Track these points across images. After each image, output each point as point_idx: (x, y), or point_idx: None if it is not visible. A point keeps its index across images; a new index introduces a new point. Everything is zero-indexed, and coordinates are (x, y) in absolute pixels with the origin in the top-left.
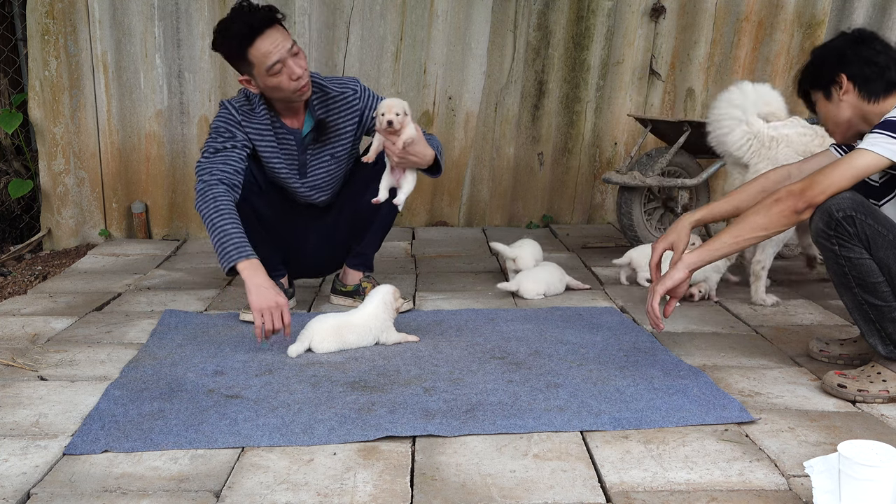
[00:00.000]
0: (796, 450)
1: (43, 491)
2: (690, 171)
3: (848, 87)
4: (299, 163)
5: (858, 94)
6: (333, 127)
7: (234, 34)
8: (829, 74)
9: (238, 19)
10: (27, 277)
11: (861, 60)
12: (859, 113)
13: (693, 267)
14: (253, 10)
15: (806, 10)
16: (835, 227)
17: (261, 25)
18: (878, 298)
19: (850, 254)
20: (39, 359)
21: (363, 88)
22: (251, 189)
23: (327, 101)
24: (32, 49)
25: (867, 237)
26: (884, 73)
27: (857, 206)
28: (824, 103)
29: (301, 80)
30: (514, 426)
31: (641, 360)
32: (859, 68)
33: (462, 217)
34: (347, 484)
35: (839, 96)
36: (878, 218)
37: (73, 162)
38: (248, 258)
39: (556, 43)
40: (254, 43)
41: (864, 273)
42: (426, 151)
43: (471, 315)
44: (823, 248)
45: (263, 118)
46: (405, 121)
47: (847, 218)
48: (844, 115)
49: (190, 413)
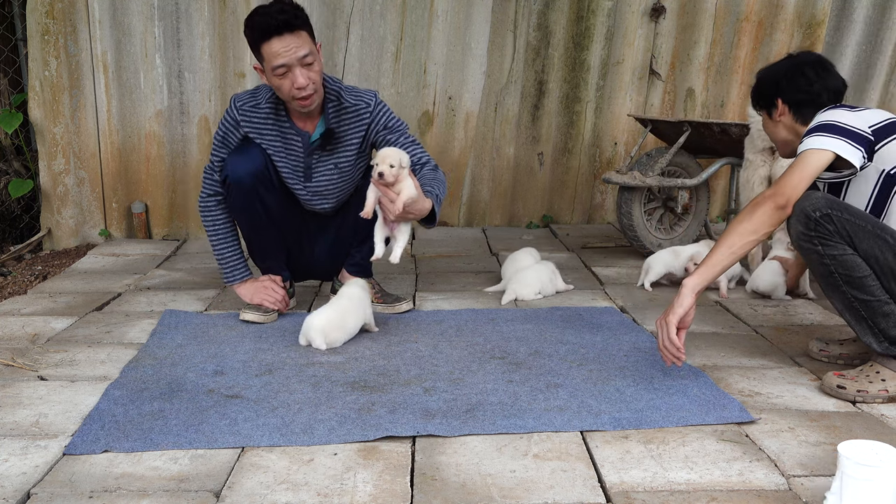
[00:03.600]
0: (796, 450)
1: (43, 491)
2: (690, 171)
3: (783, 109)
4: (304, 166)
5: (793, 116)
6: (341, 137)
7: (255, 26)
8: (769, 97)
9: (265, 13)
10: (27, 277)
11: (794, 88)
12: (794, 133)
13: (698, 289)
14: (283, 9)
15: (806, 10)
16: (814, 227)
17: (279, 27)
18: (866, 294)
19: (833, 251)
20: (39, 359)
21: (377, 103)
22: (264, 183)
23: (340, 111)
24: (32, 49)
25: (847, 232)
26: (815, 100)
27: (831, 203)
28: (767, 121)
29: (303, 91)
30: (514, 426)
31: (641, 360)
32: (793, 95)
33: (462, 217)
34: (347, 484)
35: (776, 117)
36: (852, 212)
37: (73, 162)
38: (245, 280)
39: (556, 43)
40: (269, 40)
41: (850, 269)
42: (424, 206)
43: (471, 315)
44: (806, 252)
45: (267, 115)
46: (401, 175)
47: (825, 216)
48: (781, 134)
49: (190, 413)
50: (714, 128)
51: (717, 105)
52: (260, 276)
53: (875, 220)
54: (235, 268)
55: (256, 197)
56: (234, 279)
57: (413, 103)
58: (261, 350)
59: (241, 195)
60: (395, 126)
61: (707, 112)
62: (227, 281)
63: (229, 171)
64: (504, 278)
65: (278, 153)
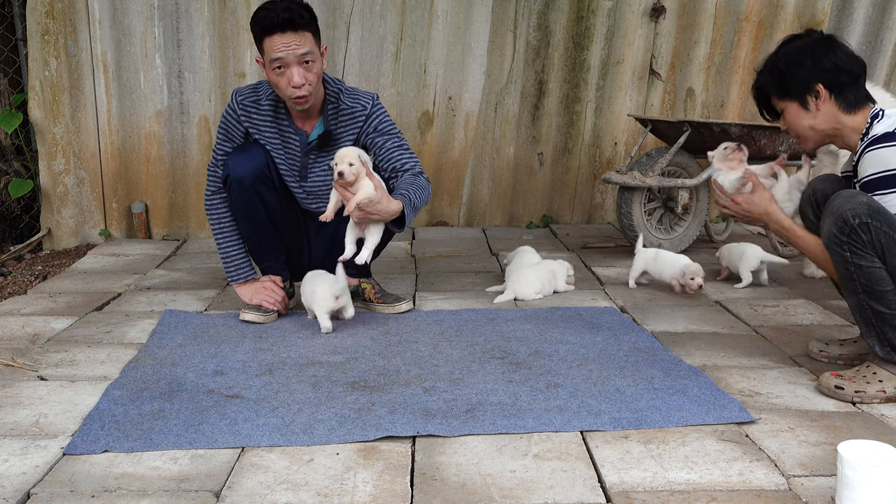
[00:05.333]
0: (796, 450)
1: (43, 491)
2: (690, 171)
3: (826, 95)
4: (300, 165)
5: (836, 103)
6: (337, 139)
7: (259, 20)
8: (803, 84)
9: (271, 8)
10: (27, 277)
11: (831, 68)
12: (837, 121)
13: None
14: (289, 7)
15: (806, 10)
16: (849, 234)
17: (282, 24)
18: (883, 306)
19: (861, 262)
20: (39, 359)
21: (374, 105)
22: (265, 182)
23: (338, 113)
24: (32, 49)
25: (882, 245)
26: (856, 80)
27: (874, 212)
28: (799, 114)
29: (298, 91)
30: (514, 426)
31: (641, 360)
32: (833, 76)
33: (462, 217)
34: (347, 484)
35: (818, 106)
36: (893, 224)
37: (73, 162)
38: (246, 281)
39: (556, 43)
40: (270, 35)
41: (873, 281)
42: (388, 207)
43: (471, 315)
44: (834, 253)
45: (267, 112)
46: (360, 173)
47: (863, 225)
48: (822, 125)
49: (190, 413)
50: (714, 128)
51: (717, 105)
52: (261, 277)
53: None
54: (239, 267)
55: (257, 196)
56: (237, 278)
57: (413, 103)
58: (261, 350)
59: (241, 194)
60: (386, 129)
61: (707, 112)
62: (230, 280)
63: (230, 169)
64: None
65: (276, 151)
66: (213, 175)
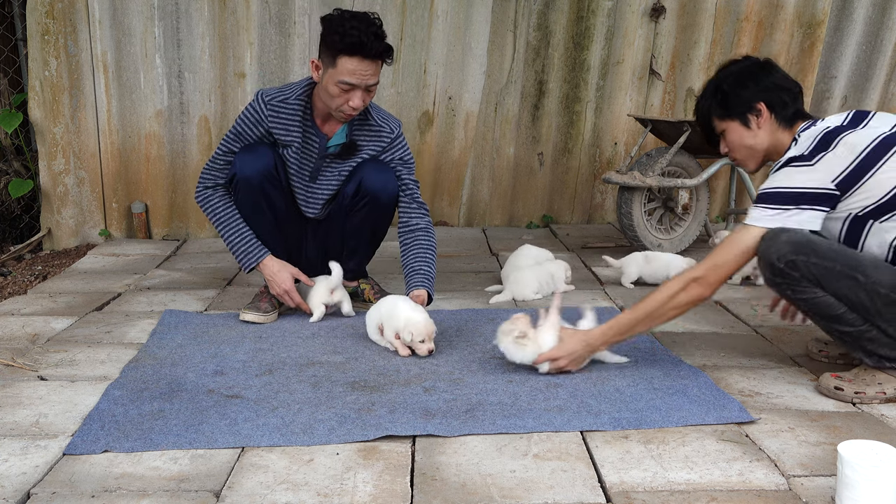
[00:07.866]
0: (796, 450)
1: (43, 491)
2: (690, 171)
3: (767, 114)
4: (314, 167)
5: (776, 120)
6: (358, 150)
7: (346, 35)
8: (744, 103)
9: (363, 30)
10: (27, 277)
11: (772, 87)
12: (776, 139)
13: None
14: (378, 35)
15: (806, 10)
16: (780, 274)
17: (365, 52)
18: (846, 326)
19: (804, 295)
20: (39, 359)
21: (399, 134)
22: (272, 182)
23: (364, 126)
24: (32, 49)
25: (815, 276)
26: (795, 98)
27: (797, 247)
28: (740, 132)
29: (352, 112)
30: (514, 426)
31: (641, 360)
32: (773, 95)
33: (462, 217)
34: (347, 484)
35: (759, 125)
36: (821, 253)
37: (73, 162)
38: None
39: (556, 43)
40: (351, 56)
41: (824, 308)
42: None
43: (471, 315)
44: (779, 293)
45: (295, 111)
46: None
47: (789, 263)
48: (762, 143)
49: (190, 413)
50: None
51: None
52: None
53: (848, 257)
54: (249, 250)
55: (263, 196)
56: (253, 261)
57: (413, 103)
58: (261, 350)
59: (248, 193)
60: (408, 160)
61: None
62: (246, 267)
63: (237, 168)
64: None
65: (295, 148)
66: (210, 171)
